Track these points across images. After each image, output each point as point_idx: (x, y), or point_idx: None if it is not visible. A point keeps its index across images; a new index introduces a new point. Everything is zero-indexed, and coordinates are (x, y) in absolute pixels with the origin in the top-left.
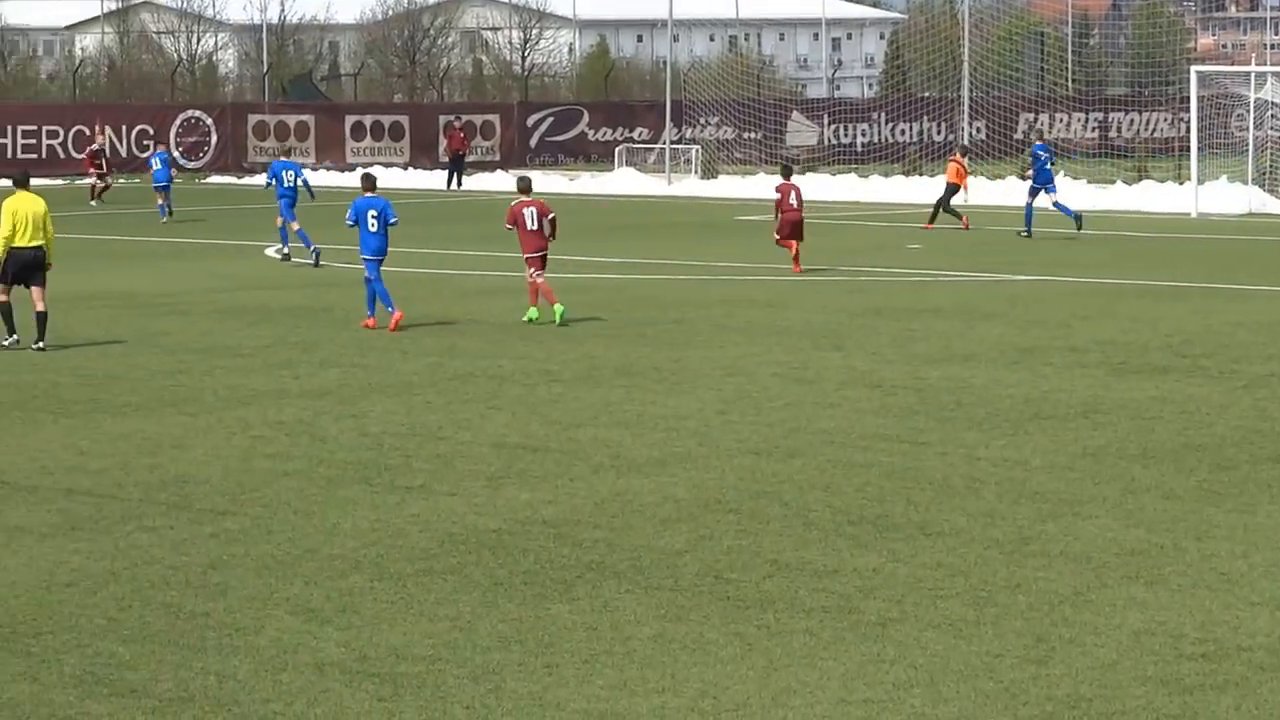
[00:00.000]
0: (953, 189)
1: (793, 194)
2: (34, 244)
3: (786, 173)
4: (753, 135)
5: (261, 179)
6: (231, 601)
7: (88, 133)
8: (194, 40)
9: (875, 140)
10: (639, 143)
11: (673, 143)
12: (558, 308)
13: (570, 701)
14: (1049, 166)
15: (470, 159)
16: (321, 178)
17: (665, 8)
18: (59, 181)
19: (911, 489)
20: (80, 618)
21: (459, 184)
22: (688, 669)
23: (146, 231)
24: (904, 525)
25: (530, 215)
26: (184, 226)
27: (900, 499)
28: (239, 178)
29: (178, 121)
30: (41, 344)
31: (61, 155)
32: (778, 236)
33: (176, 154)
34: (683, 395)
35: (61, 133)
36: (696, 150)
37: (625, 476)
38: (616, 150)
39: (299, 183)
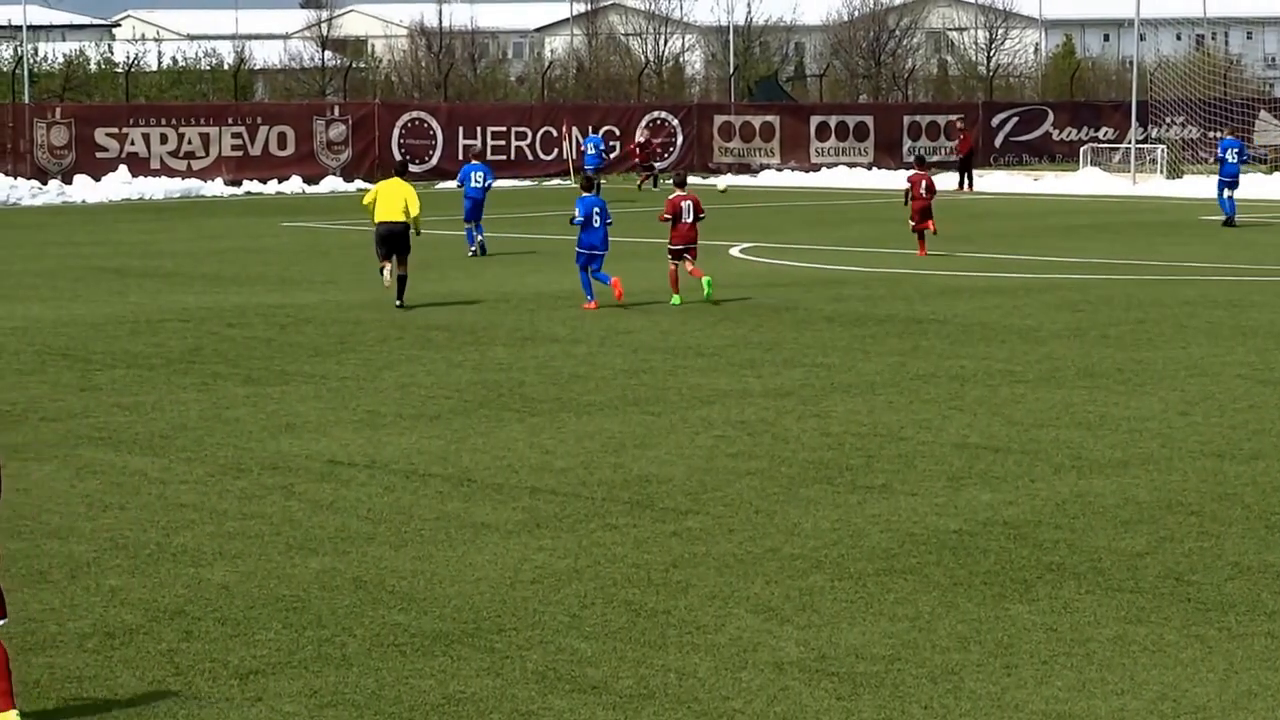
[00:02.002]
0: None
1: None
2: (396, 220)
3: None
4: (1219, 135)
5: (722, 180)
6: (692, 599)
7: (555, 134)
8: (661, 42)
9: None
10: (1104, 142)
11: (1138, 142)
12: (706, 280)
13: (1029, 703)
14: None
15: (933, 159)
16: (785, 178)
17: (1132, 7)
18: (526, 183)
19: None
20: (543, 614)
21: (970, 185)
22: (1147, 671)
23: (622, 230)
24: None
25: (688, 208)
26: (651, 226)
27: None
28: (704, 178)
29: (644, 122)
30: (400, 302)
31: (530, 156)
32: None
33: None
34: (1145, 396)
35: (530, 134)
36: (1162, 150)
37: (1086, 477)
38: (1081, 150)
39: (486, 185)
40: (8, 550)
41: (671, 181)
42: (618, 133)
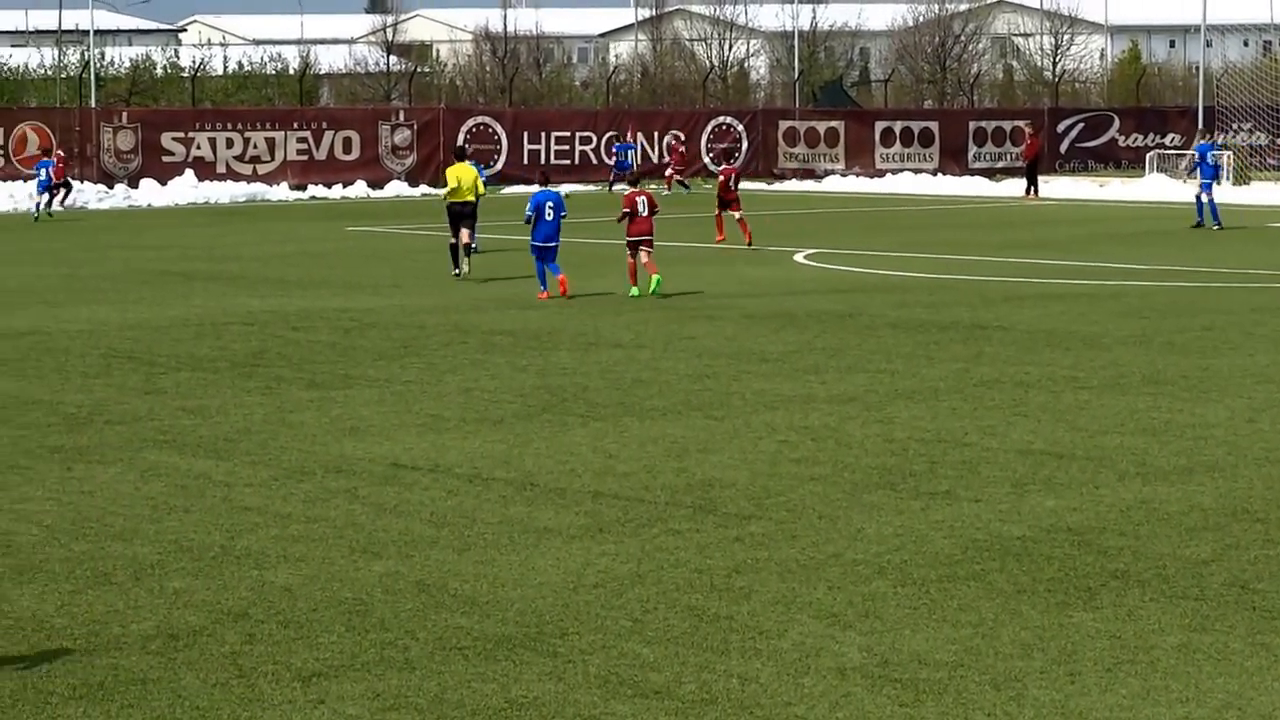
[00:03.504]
0: None
1: None
2: (468, 199)
3: None
4: None
5: (791, 185)
6: (755, 605)
7: (620, 139)
8: (726, 47)
9: None
10: (1170, 149)
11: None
12: (655, 277)
13: (1092, 710)
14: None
15: (999, 166)
16: (850, 184)
17: (1199, 12)
18: (591, 188)
19: None
20: (605, 619)
21: (1036, 191)
22: (1211, 679)
23: (684, 236)
24: None
25: (642, 203)
26: (713, 231)
27: None
28: (769, 184)
29: (709, 127)
30: (457, 271)
31: (594, 161)
32: None
33: (706, 160)
34: (1210, 403)
35: (594, 139)
36: (1228, 156)
37: (1151, 484)
38: (1147, 156)
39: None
40: (72, 552)
41: (627, 182)
42: (682, 137)
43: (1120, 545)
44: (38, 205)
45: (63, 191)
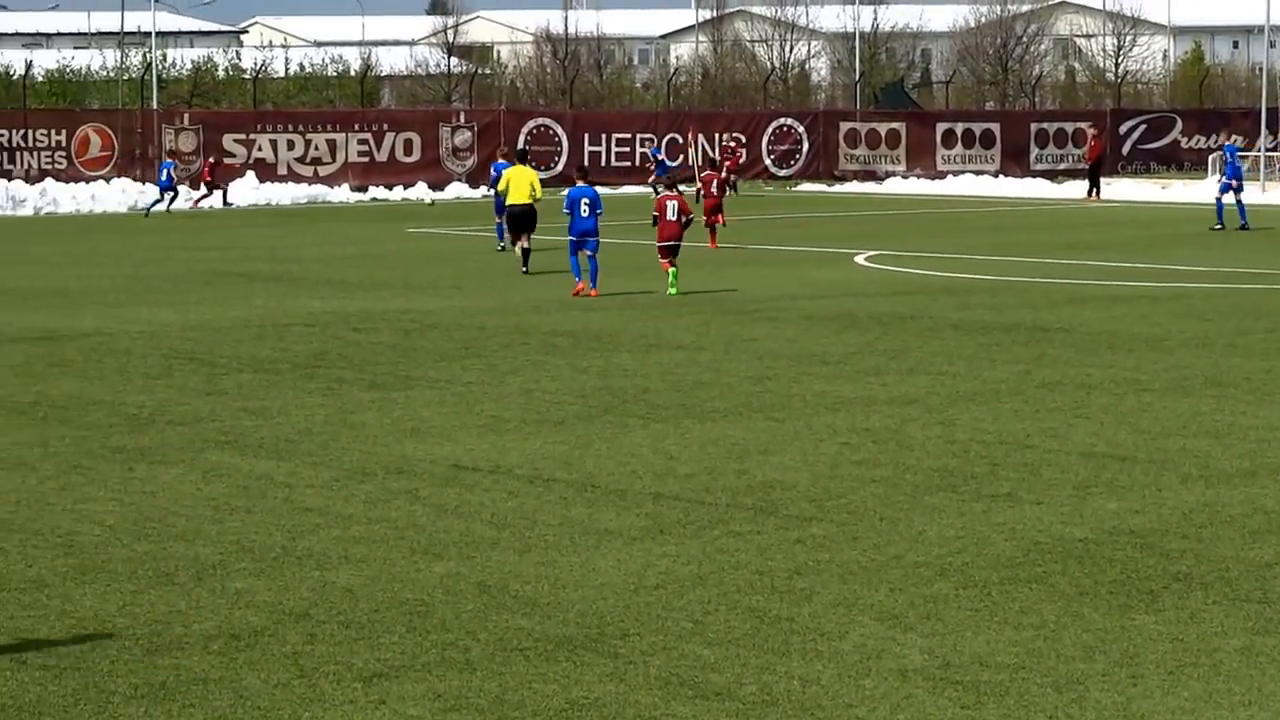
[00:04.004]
0: None
1: None
2: (524, 202)
3: None
4: None
5: (852, 186)
6: (816, 607)
7: (680, 140)
8: (787, 48)
9: None
10: None
11: (1268, 150)
12: (672, 270)
13: (1154, 713)
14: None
15: (1061, 167)
16: (911, 185)
17: (1263, 13)
18: (651, 190)
19: None
20: (666, 620)
21: (1098, 193)
22: (1275, 682)
23: (745, 238)
24: None
25: (671, 208)
26: (778, 232)
27: None
28: (829, 185)
29: (770, 129)
30: (525, 269)
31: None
32: None
33: (768, 161)
34: (1274, 405)
35: (655, 140)
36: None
37: (1214, 487)
38: (1210, 158)
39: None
40: (134, 553)
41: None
42: (744, 139)
43: (1183, 548)
44: (154, 203)
45: (206, 191)
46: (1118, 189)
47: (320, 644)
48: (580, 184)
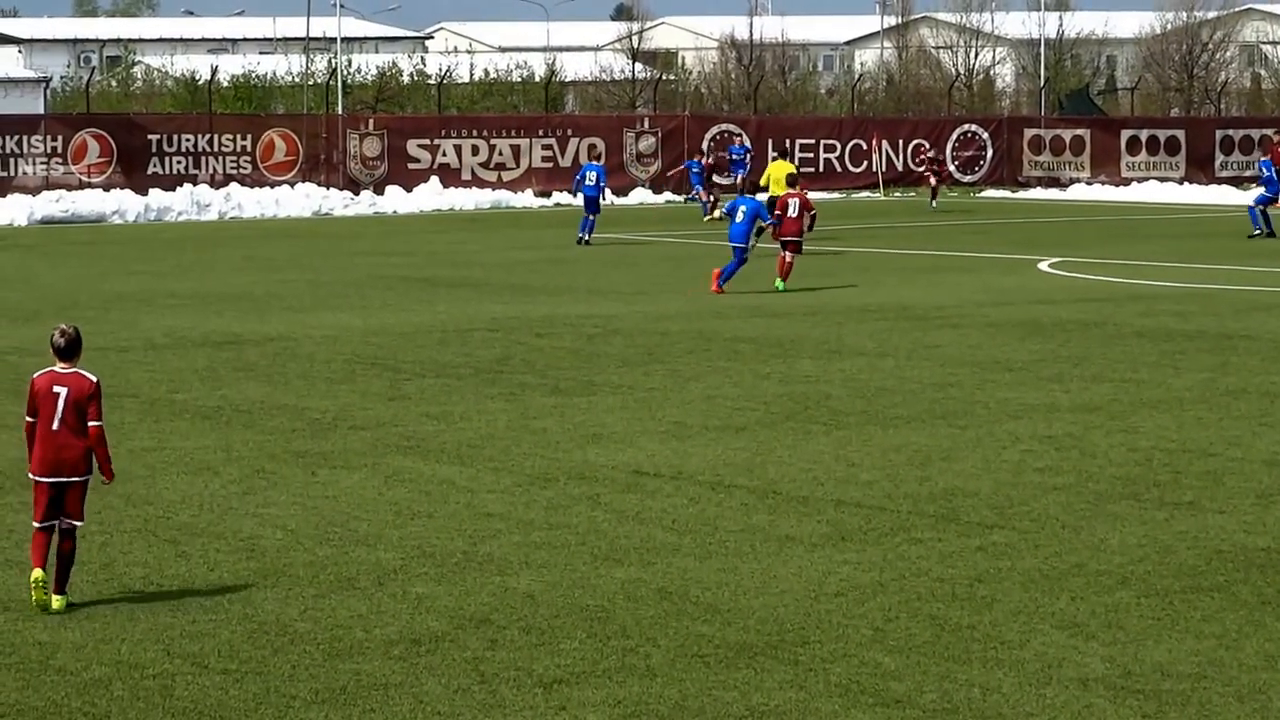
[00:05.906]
0: None
1: None
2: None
3: None
4: None
5: (1036, 193)
6: (997, 615)
7: (864, 147)
8: (972, 54)
9: None
10: None
11: None
12: (779, 283)
13: None
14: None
15: (1247, 174)
16: (1095, 192)
17: None
18: (835, 195)
19: None
20: (847, 627)
21: None
22: None
23: (932, 244)
24: None
25: (793, 205)
26: (961, 239)
27: None
28: (1013, 191)
29: (954, 135)
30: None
31: (838, 169)
32: None
33: (952, 168)
34: None
35: (838, 146)
36: None
37: None
38: None
39: (600, 185)
40: (316, 557)
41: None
42: (927, 145)
43: None
44: (700, 201)
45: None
46: None
47: (501, 649)
48: (743, 195)
